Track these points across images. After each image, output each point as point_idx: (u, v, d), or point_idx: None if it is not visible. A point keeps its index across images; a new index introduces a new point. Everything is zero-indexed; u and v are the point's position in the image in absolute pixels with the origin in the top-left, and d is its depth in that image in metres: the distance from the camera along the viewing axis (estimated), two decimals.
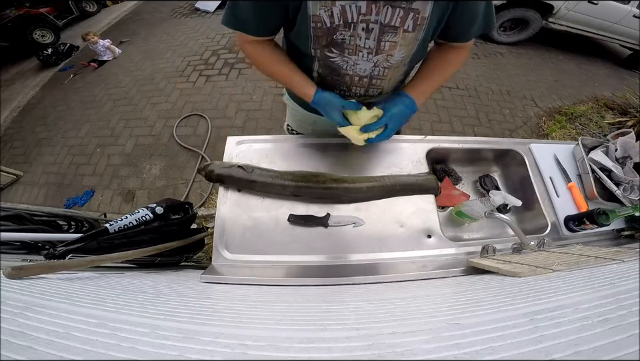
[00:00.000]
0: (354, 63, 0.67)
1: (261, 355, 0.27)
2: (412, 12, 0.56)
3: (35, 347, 0.27)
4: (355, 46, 0.62)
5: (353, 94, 0.78)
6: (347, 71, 0.70)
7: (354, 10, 0.55)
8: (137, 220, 0.81)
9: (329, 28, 0.58)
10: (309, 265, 0.77)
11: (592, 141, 0.99)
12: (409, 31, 0.59)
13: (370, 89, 0.76)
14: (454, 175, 1.02)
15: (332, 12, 0.56)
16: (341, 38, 0.60)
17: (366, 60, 0.66)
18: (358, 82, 0.73)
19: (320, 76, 0.75)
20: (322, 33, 0.60)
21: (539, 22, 3.64)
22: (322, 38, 0.61)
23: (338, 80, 0.73)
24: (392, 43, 0.62)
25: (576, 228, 0.84)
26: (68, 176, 2.48)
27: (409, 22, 0.57)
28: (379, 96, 0.80)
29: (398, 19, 0.57)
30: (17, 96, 3.53)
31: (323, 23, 0.57)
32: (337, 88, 0.77)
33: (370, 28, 0.58)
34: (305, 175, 0.84)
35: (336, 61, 0.67)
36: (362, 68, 0.68)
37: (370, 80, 0.72)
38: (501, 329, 0.30)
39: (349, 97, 0.79)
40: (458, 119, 2.66)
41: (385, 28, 0.58)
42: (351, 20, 0.57)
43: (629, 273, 0.45)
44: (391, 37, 0.60)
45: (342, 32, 0.59)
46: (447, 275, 0.69)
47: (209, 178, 0.85)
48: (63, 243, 0.70)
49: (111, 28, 4.76)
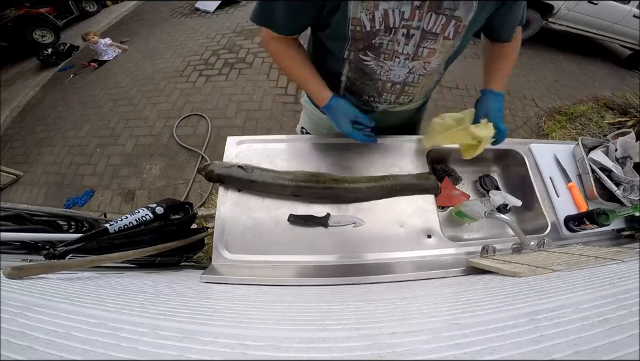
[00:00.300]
0: (389, 69, 0.65)
1: (261, 355, 0.27)
2: (454, 20, 0.55)
3: (35, 347, 0.27)
4: (393, 51, 0.61)
5: (382, 101, 0.76)
6: (380, 76, 0.68)
7: (397, 15, 0.54)
8: (137, 220, 0.81)
9: (369, 32, 0.57)
10: (308, 265, 0.77)
11: (592, 141, 0.99)
12: (449, 38, 0.58)
13: (401, 96, 0.74)
14: (454, 175, 1.02)
15: (374, 16, 0.54)
16: (378, 43, 0.59)
17: (401, 66, 0.64)
18: (390, 88, 0.71)
19: (349, 80, 0.73)
20: (360, 37, 0.58)
21: (539, 22, 3.64)
22: (359, 42, 0.60)
23: (369, 85, 0.72)
24: (431, 50, 0.60)
25: (576, 228, 0.84)
26: (68, 176, 2.49)
27: (450, 29, 0.56)
28: (408, 104, 0.78)
29: (440, 26, 0.56)
30: (17, 96, 3.53)
31: (363, 27, 0.56)
32: (366, 94, 0.75)
33: (410, 34, 0.57)
34: (305, 175, 0.84)
35: (370, 65, 0.65)
36: (396, 74, 0.67)
37: (403, 87, 0.71)
38: (501, 329, 0.30)
39: (377, 104, 0.78)
40: None
41: (426, 35, 0.57)
42: (392, 25, 0.55)
43: (629, 273, 0.45)
44: (430, 44, 0.59)
45: (381, 37, 0.58)
46: (446, 275, 0.69)
47: (208, 178, 0.85)
48: (63, 243, 0.70)
49: (111, 28, 4.76)
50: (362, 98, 0.77)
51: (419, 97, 0.78)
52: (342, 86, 0.76)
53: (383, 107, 0.79)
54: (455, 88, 2.98)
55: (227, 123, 2.62)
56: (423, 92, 0.77)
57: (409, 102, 0.78)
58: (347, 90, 0.75)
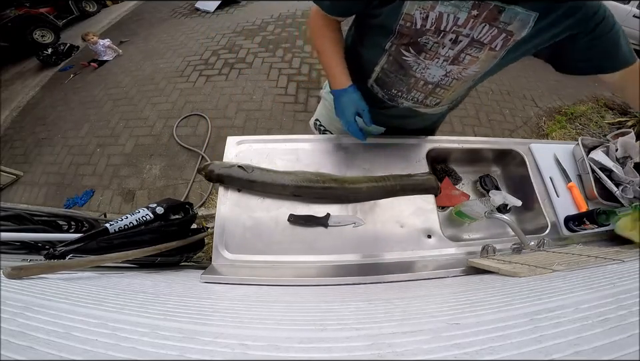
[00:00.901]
0: (425, 67, 0.65)
1: (261, 355, 0.27)
2: (505, 33, 0.54)
3: (35, 347, 0.27)
4: (436, 52, 0.60)
5: (409, 98, 0.76)
6: (415, 73, 0.67)
7: (451, 19, 0.53)
8: (137, 220, 0.81)
9: (417, 30, 0.56)
10: (309, 265, 0.77)
11: (592, 141, 0.98)
12: (495, 50, 0.57)
13: (430, 97, 0.74)
14: (454, 175, 1.02)
15: (427, 16, 0.54)
16: (424, 42, 0.59)
17: (439, 67, 0.64)
18: (422, 87, 0.71)
19: (383, 72, 0.73)
20: (408, 33, 0.58)
21: None
22: (405, 37, 0.59)
23: (402, 80, 0.71)
24: (473, 58, 0.60)
25: (576, 228, 0.84)
26: (68, 176, 2.49)
27: (499, 41, 0.56)
28: (434, 107, 0.78)
29: (489, 36, 0.55)
30: (17, 96, 3.53)
31: (414, 24, 0.55)
32: (395, 88, 0.75)
33: (458, 40, 0.57)
34: (305, 175, 0.84)
35: (408, 61, 0.65)
36: (432, 74, 0.66)
37: (435, 87, 0.70)
38: (501, 329, 0.30)
39: (403, 100, 0.77)
40: (458, 119, 2.66)
41: (473, 43, 0.57)
42: (443, 29, 0.55)
43: (629, 273, 0.45)
44: (474, 52, 0.59)
45: (428, 37, 0.57)
46: (447, 275, 0.69)
47: (208, 178, 0.85)
48: (63, 243, 0.70)
49: (111, 28, 4.76)
50: (390, 91, 0.76)
51: (447, 102, 0.77)
52: (373, 77, 0.76)
53: (408, 104, 0.78)
54: None
55: (226, 123, 2.62)
56: (451, 97, 0.76)
57: (435, 105, 0.77)
58: (377, 81, 0.75)
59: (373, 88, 0.79)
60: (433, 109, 0.80)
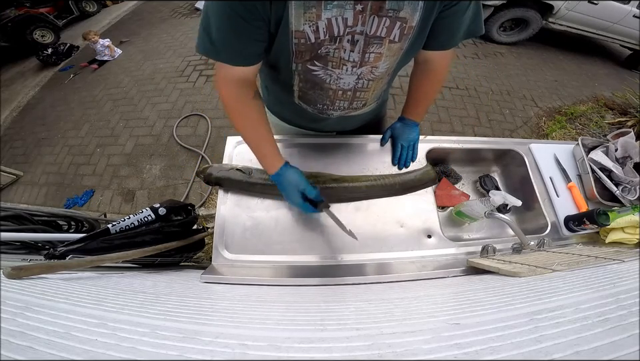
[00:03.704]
0: (337, 77, 0.64)
1: (261, 355, 0.27)
2: (399, 22, 0.53)
3: (35, 347, 0.27)
4: (339, 58, 0.59)
5: (336, 108, 0.75)
6: (330, 85, 0.66)
7: (340, 22, 0.52)
8: (139, 220, 0.81)
9: (314, 44, 0.55)
10: (308, 265, 0.77)
11: (592, 141, 0.99)
12: (395, 42, 0.56)
13: (354, 102, 0.73)
14: (453, 175, 1.02)
15: (317, 27, 0.52)
16: (325, 52, 0.57)
17: (350, 73, 0.63)
18: (342, 96, 0.70)
19: (301, 91, 0.72)
20: (305, 49, 0.56)
21: (539, 22, 3.64)
22: (305, 54, 0.58)
23: (321, 94, 0.70)
24: (377, 55, 0.59)
25: (576, 228, 0.84)
26: (68, 176, 2.48)
27: (396, 32, 0.54)
28: (363, 108, 0.78)
29: (384, 29, 0.54)
30: (17, 96, 3.53)
31: (307, 39, 0.54)
32: (319, 103, 0.74)
33: (355, 40, 0.55)
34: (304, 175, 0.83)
35: (319, 75, 0.64)
36: (345, 82, 0.65)
37: (354, 93, 0.70)
38: (501, 329, 0.30)
39: (332, 111, 0.76)
40: (458, 119, 2.66)
41: (370, 40, 0.55)
42: (337, 34, 0.54)
43: (628, 273, 0.45)
44: (376, 48, 0.57)
45: (327, 47, 0.56)
46: (447, 275, 0.69)
47: (207, 182, 0.85)
48: (63, 243, 0.70)
49: (111, 28, 4.76)
50: (316, 106, 0.75)
51: (372, 101, 0.77)
52: (295, 96, 0.74)
53: (337, 114, 0.78)
54: (455, 88, 2.98)
55: (227, 123, 2.62)
56: (375, 96, 0.76)
57: (363, 106, 0.77)
58: (301, 99, 0.74)
59: (301, 105, 0.78)
60: (363, 110, 0.79)
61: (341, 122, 0.85)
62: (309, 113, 0.80)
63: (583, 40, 4.06)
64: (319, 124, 0.88)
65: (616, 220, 0.78)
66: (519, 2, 3.44)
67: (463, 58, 3.47)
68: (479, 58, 3.54)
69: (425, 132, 2.42)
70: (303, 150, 0.92)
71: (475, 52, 3.62)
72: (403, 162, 0.91)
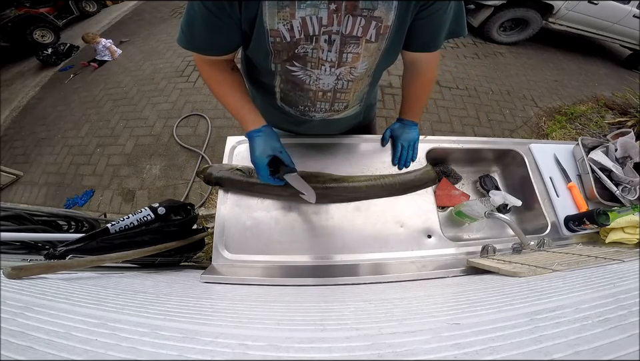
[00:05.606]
0: (317, 78, 0.64)
1: (260, 355, 0.27)
2: (374, 21, 0.53)
3: (35, 347, 0.27)
4: (318, 59, 0.59)
5: (318, 110, 0.75)
6: (310, 86, 0.67)
7: (315, 21, 0.52)
8: (138, 220, 0.81)
9: (290, 43, 0.55)
10: (309, 265, 0.77)
11: (592, 141, 0.99)
12: (372, 41, 0.56)
13: (335, 104, 0.73)
14: (453, 175, 1.02)
15: (292, 26, 0.52)
16: (302, 52, 0.58)
17: (328, 74, 0.63)
18: (322, 97, 0.70)
19: (282, 92, 0.72)
20: (282, 48, 0.57)
21: (539, 22, 3.64)
22: (283, 53, 0.58)
23: (302, 95, 0.70)
24: (354, 55, 0.59)
25: (576, 228, 0.84)
26: (68, 176, 2.48)
27: (372, 31, 0.54)
28: (345, 110, 0.77)
29: (360, 29, 0.54)
30: (17, 96, 3.53)
31: (283, 38, 0.54)
32: (301, 104, 0.74)
33: (332, 40, 0.55)
34: (304, 175, 0.83)
35: (299, 75, 0.64)
36: (325, 82, 0.65)
37: (334, 94, 0.70)
38: (501, 329, 0.30)
39: (314, 113, 0.76)
40: (458, 119, 2.66)
41: (347, 39, 0.55)
42: (312, 33, 0.54)
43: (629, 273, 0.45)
44: (353, 49, 0.57)
45: (304, 46, 0.56)
46: (447, 275, 0.69)
47: (207, 182, 0.85)
48: (63, 243, 0.70)
49: (111, 28, 4.76)
50: (298, 108, 0.75)
51: (354, 102, 0.76)
52: (277, 97, 0.75)
53: (320, 116, 0.77)
54: (455, 88, 2.98)
55: (227, 123, 2.62)
56: (356, 97, 0.75)
57: (345, 108, 0.76)
58: (283, 101, 0.74)
59: (283, 108, 0.78)
60: (346, 112, 0.79)
61: (325, 125, 0.85)
62: (292, 115, 0.80)
63: (582, 40, 4.06)
64: (302, 127, 0.88)
65: (616, 220, 0.78)
66: (519, 2, 3.44)
67: (463, 58, 3.46)
68: (479, 58, 3.54)
69: (424, 132, 2.43)
70: (303, 150, 0.92)
71: (475, 52, 3.62)
72: (403, 162, 0.91)
